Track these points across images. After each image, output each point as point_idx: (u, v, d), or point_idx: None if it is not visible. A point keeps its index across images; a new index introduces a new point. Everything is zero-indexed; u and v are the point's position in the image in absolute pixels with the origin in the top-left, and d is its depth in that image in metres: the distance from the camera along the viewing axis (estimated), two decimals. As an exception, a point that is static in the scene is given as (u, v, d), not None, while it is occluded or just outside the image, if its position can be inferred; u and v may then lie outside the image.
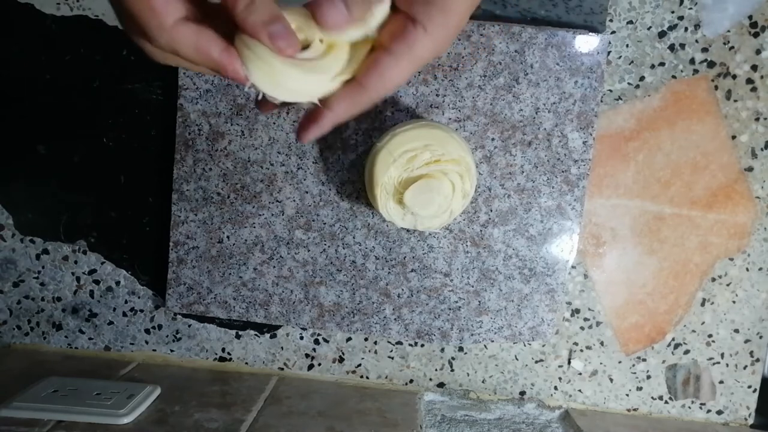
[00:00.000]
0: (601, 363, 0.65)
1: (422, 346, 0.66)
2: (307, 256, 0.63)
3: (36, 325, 0.67)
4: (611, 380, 0.66)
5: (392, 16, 0.35)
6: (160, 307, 0.66)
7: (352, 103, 0.35)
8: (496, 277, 0.62)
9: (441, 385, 0.66)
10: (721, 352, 0.65)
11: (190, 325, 0.66)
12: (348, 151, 0.61)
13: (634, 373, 0.65)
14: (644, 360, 0.65)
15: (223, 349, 0.66)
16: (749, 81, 0.62)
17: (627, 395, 0.66)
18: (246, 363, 0.67)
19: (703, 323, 0.65)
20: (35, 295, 0.66)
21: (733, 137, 0.63)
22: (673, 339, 0.65)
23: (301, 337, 0.66)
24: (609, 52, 0.62)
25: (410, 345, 0.66)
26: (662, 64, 0.62)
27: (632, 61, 0.62)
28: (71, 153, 0.65)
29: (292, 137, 0.61)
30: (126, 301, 0.66)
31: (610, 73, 0.62)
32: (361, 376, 0.66)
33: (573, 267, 0.64)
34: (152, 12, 0.32)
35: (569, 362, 0.65)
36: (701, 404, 0.66)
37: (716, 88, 0.62)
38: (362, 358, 0.66)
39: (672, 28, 0.61)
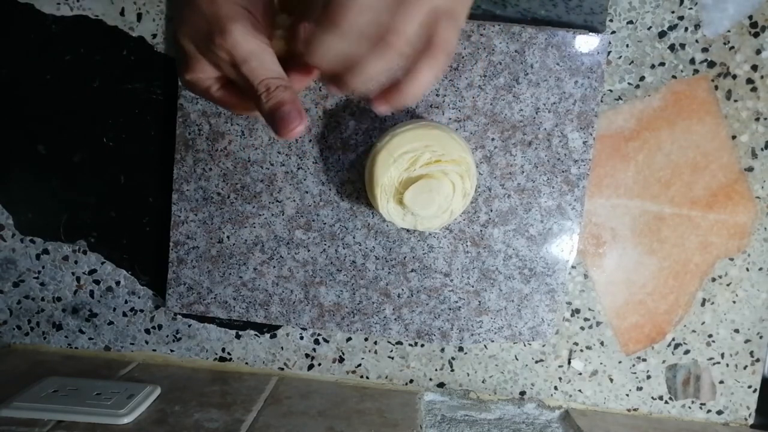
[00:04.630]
0: (601, 363, 0.65)
1: (422, 346, 0.66)
2: (307, 256, 0.63)
3: (36, 325, 0.67)
4: (611, 380, 0.66)
5: None
6: (160, 307, 0.66)
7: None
8: (496, 277, 0.62)
9: (441, 385, 0.66)
10: (721, 352, 0.65)
11: (190, 325, 0.66)
12: (348, 151, 0.61)
13: (634, 373, 0.65)
14: (644, 360, 0.65)
15: (223, 349, 0.66)
16: (749, 81, 0.62)
17: (627, 395, 0.66)
18: (246, 363, 0.67)
19: (703, 323, 0.65)
20: (35, 295, 0.66)
21: (733, 137, 0.63)
22: (673, 339, 0.65)
23: (301, 337, 0.66)
24: (609, 52, 0.62)
25: (410, 345, 0.66)
26: (662, 64, 0.62)
27: (632, 61, 0.62)
28: (71, 153, 0.65)
29: (292, 137, 0.61)
30: (126, 301, 0.66)
31: (610, 73, 0.62)
32: (361, 376, 0.66)
33: (573, 267, 0.64)
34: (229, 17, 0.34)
35: (569, 362, 0.65)
36: (701, 404, 0.66)
37: (716, 88, 0.62)
38: (362, 358, 0.66)
39: (672, 28, 0.61)
